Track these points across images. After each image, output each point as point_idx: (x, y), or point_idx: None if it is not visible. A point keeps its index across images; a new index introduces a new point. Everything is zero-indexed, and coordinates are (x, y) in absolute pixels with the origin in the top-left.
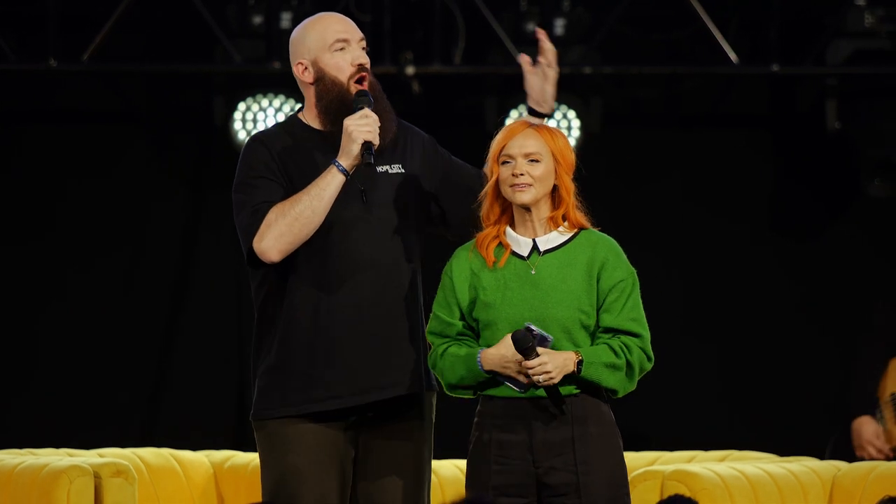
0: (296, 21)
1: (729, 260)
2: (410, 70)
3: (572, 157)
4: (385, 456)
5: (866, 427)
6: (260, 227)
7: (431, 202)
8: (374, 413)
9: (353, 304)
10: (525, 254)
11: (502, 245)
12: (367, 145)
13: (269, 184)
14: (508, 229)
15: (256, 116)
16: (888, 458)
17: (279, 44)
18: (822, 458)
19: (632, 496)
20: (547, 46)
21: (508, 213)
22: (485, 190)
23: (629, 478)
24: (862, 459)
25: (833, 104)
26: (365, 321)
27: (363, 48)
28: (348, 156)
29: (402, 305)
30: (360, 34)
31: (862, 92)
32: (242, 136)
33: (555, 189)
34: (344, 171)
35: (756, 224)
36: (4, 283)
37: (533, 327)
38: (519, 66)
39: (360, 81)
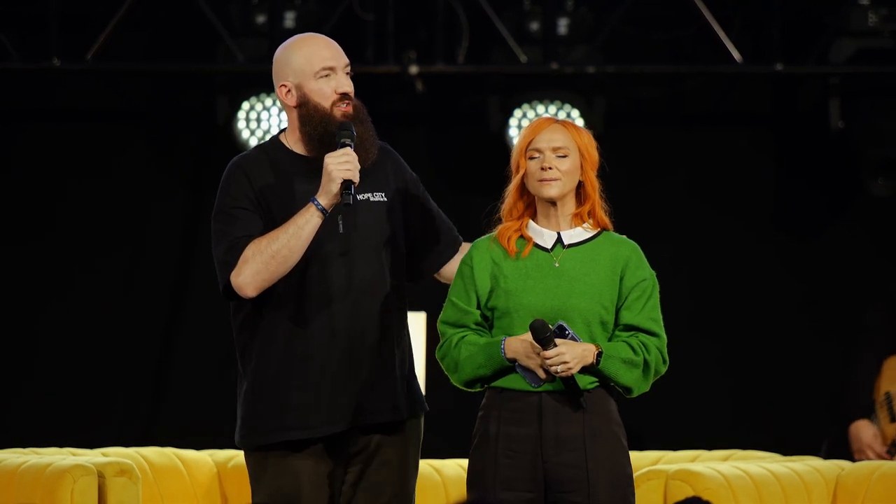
0: (298, 20)
1: (732, 259)
2: (414, 69)
3: (596, 155)
4: (369, 480)
5: (865, 431)
6: (237, 263)
7: (410, 237)
8: (360, 437)
9: (327, 334)
10: (549, 246)
11: (524, 238)
12: (346, 184)
13: (247, 215)
14: (531, 222)
15: (260, 116)
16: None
17: (282, 43)
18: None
19: (636, 496)
20: None
21: (531, 208)
22: (510, 186)
23: (633, 479)
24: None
25: (836, 103)
26: (339, 351)
27: (347, 73)
28: (327, 195)
29: (381, 335)
30: (345, 60)
31: (865, 91)
32: (246, 135)
33: (580, 186)
34: (322, 210)
35: (759, 223)
36: (6, 282)
37: (567, 327)
38: (521, 65)
39: (343, 106)
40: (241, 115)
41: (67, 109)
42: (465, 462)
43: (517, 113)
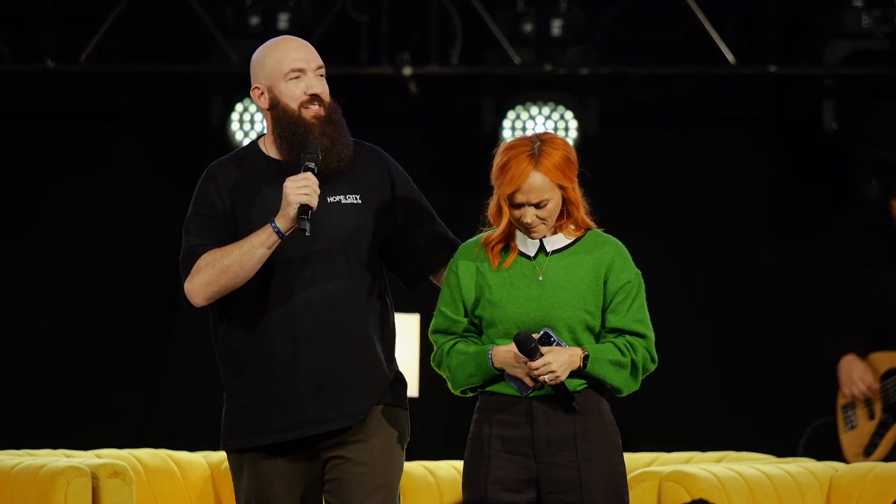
0: (292, 22)
1: (726, 260)
2: (407, 71)
3: (574, 168)
4: (348, 477)
5: (856, 364)
6: (190, 271)
7: (391, 240)
8: (336, 435)
9: (290, 339)
10: (532, 254)
11: (509, 245)
12: (303, 209)
13: (209, 222)
14: (517, 231)
15: (254, 117)
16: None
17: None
18: (819, 458)
19: (630, 497)
20: None
21: None
22: (493, 199)
23: (627, 479)
24: (846, 397)
25: (830, 105)
26: (302, 356)
27: (321, 76)
28: (285, 218)
29: (347, 339)
30: (318, 63)
31: (859, 93)
32: (240, 136)
33: (563, 202)
34: (279, 233)
35: (753, 224)
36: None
37: (552, 334)
38: (515, 66)
39: (313, 107)
40: (235, 116)
41: (61, 110)
42: (458, 463)
43: (511, 114)
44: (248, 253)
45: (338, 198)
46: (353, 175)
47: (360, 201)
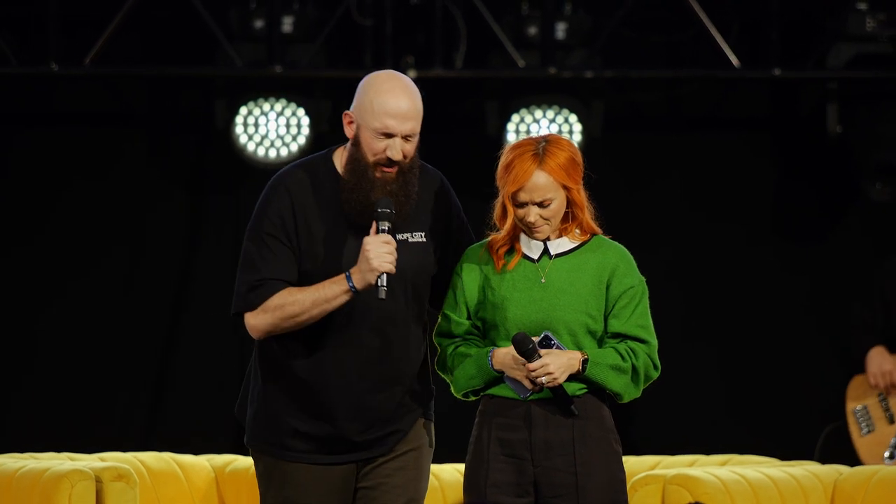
0: (297, 25)
1: (730, 263)
2: (412, 74)
3: (580, 170)
4: (385, 485)
5: (886, 357)
6: (256, 308)
7: (440, 272)
8: (368, 453)
9: (342, 368)
10: (536, 257)
11: (513, 248)
12: (382, 275)
13: (280, 249)
14: (522, 234)
15: (258, 121)
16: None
17: (281, 48)
18: (823, 461)
19: (633, 500)
20: None
21: None
22: (498, 200)
23: (630, 482)
24: (876, 386)
25: (834, 108)
26: (354, 384)
27: (409, 140)
28: (363, 281)
29: (398, 368)
30: (408, 129)
31: (863, 96)
32: (244, 139)
33: (568, 203)
34: (354, 291)
35: (757, 227)
36: (4, 285)
37: (552, 337)
38: (519, 70)
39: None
40: (239, 119)
41: (66, 113)
42: (462, 467)
43: (515, 118)
44: (320, 308)
45: (405, 235)
46: (418, 209)
47: (425, 239)
